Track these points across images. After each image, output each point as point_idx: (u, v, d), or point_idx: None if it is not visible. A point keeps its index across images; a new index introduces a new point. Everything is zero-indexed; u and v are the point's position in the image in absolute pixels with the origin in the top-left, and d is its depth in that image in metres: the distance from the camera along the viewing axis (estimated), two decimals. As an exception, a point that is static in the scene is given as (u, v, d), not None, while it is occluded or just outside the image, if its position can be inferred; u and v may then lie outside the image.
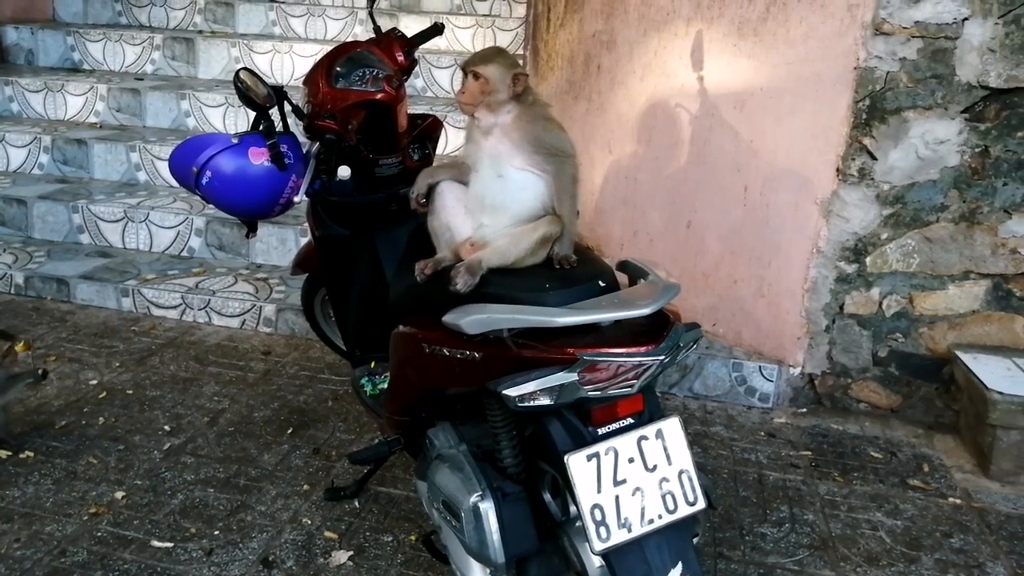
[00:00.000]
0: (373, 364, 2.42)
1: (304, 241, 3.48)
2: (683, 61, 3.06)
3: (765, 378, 2.95)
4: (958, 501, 2.48)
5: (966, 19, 2.51)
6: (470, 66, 1.79)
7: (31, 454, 2.50)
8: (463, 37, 5.41)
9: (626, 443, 1.58)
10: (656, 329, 1.59)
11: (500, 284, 1.70)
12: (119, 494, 2.33)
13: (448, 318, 1.62)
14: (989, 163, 2.61)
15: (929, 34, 2.54)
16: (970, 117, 2.59)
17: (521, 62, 4.73)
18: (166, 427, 2.68)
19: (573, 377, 1.51)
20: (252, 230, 2.31)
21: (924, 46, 2.55)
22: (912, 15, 2.53)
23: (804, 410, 2.95)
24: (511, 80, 1.76)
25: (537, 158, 1.77)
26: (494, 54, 1.81)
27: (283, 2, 5.90)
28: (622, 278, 1.80)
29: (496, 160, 1.79)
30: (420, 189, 1.90)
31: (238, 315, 3.44)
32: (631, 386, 1.56)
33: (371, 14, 2.44)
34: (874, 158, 2.66)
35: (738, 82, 2.89)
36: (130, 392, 2.89)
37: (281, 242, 3.81)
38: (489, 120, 1.80)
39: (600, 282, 1.71)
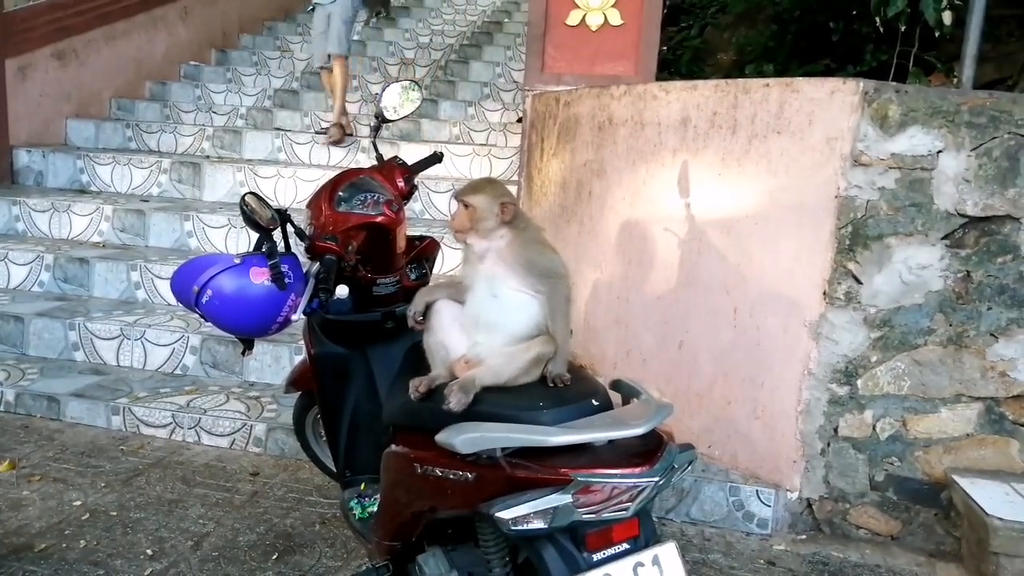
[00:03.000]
0: (363, 486, 2.38)
1: (299, 359, 3.48)
2: (670, 188, 3.18)
3: (763, 503, 2.89)
4: (967, 634, 2.38)
5: (940, 151, 2.63)
6: (460, 196, 1.88)
7: (5, 579, 2.40)
8: (461, 165, 5.62)
9: (622, 569, 1.54)
10: (650, 450, 1.58)
11: (494, 402, 1.70)
12: (93, 623, 2.22)
13: (441, 437, 1.61)
14: (972, 287, 2.67)
15: (906, 165, 2.66)
16: (951, 243, 2.67)
17: (515, 188, 4.91)
18: (148, 551, 2.59)
19: (567, 499, 1.49)
20: (248, 348, 2.32)
21: (902, 176, 2.66)
22: (888, 148, 2.66)
23: (803, 536, 2.88)
24: (499, 209, 1.83)
25: (530, 280, 1.81)
26: (483, 184, 1.89)
27: (289, 130, 6.17)
28: (616, 397, 1.80)
29: (491, 281, 1.84)
30: (418, 307, 1.93)
31: (228, 434, 3.39)
32: (626, 509, 1.53)
33: (374, 143, 2.55)
34: (859, 282, 2.72)
35: (724, 208, 2.99)
36: (114, 514, 2.81)
37: (275, 360, 3.81)
38: (482, 245, 1.85)
39: (594, 401, 1.71)
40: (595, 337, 3.68)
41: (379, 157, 2.52)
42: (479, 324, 1.84)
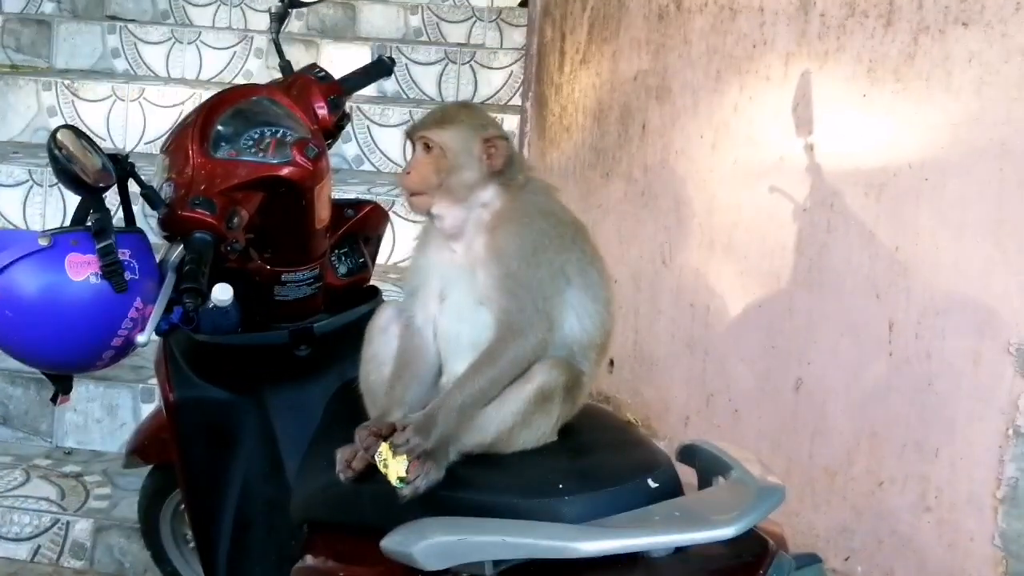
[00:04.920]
0: (258, 624, 2.39)
1: (149, 410, 3.49)
2: (781, 120, 3.18)
3: (937, 652, 2.91)
4: None
5: None
6: (417, 131, 1.88)
7: None
8: (424, 78, 5.61)
9: None
10: (746, 564, 1.59)
11: (481, 483, 1.71)
12: None
13: (391, 543, 1.62)
14: None
15: None
16: None
17: (516, 121, 4.89)
18: None
19: (607, 650, 1.50)
20: (63, 391, 2.31)
21: None
22: None
23: None
24: (481, 148, 1.84)
25: (496, 297, 1.81)
26: (455, 112, 1.91)
27: (132, 21, 6.15)
28: (688, 474, 1.81)
29: (473, 278, 1.84)
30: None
31: (28, 537, 3.39)
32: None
33: (276, 41, 2.54)
34: (1101, 278, 2.73)
35: (872, 155, 2.99)
36: None
37: (109, 412, 3.82)
38: (455, 218, 1.86)
39: (650, 481, 1.72)
40: (653, 372, 3.68)
41: (285, 66, 2.52)
42: (460, 348, 1.85)
